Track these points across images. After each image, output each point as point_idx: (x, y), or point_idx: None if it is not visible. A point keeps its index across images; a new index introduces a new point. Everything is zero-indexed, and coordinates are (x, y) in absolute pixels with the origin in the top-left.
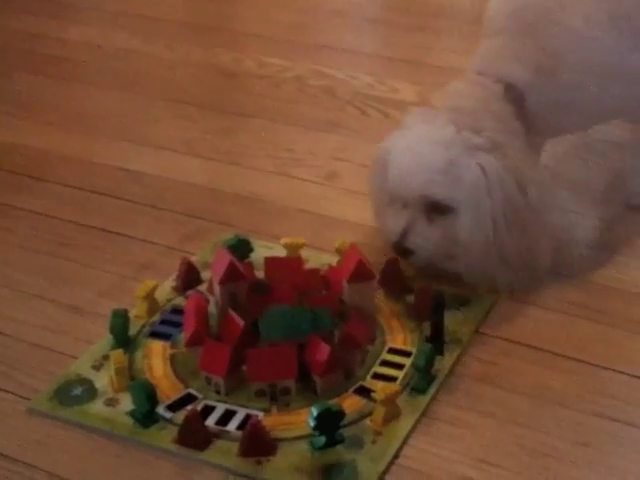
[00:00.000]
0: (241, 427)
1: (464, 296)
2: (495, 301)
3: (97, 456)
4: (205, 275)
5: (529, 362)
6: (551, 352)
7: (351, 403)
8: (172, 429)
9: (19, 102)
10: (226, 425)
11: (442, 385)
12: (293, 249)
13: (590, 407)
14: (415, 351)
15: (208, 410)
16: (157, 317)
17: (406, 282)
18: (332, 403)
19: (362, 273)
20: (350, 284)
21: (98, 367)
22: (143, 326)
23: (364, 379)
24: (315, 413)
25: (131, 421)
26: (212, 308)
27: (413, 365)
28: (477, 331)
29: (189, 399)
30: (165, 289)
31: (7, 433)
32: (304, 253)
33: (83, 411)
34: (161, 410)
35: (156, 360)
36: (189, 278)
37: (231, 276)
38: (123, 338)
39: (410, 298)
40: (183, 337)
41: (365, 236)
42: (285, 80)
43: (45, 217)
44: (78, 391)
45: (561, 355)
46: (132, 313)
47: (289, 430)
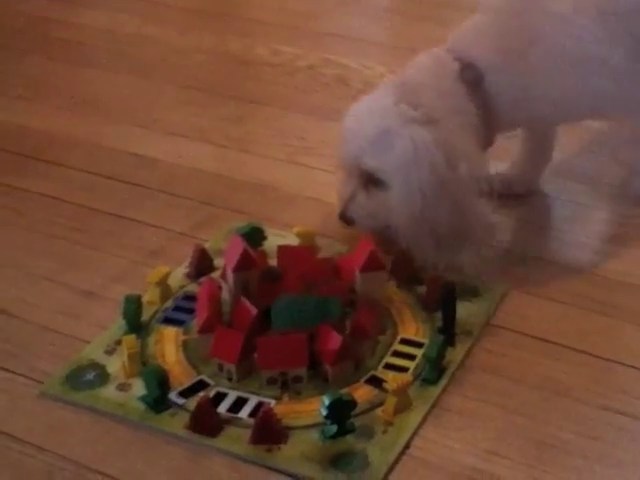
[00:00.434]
0: (252, 414)
1: (475, 288)
2: (506, 293)
3: (108, 440)
4: (218, 262)
5: (539, 354)
6: (560, 345)
7: (362, 393)
8: (184, 415)
9: (31, 85)
10: (238, 412)
11: (453, 376)
12: (306, 238)
13: (598, 400)
14: (427, 342)
15: (220, 397)
16: (170, 303)
17: (417, 273)
18: (344, 392)
19: (374, 263)
20: (362, 273)
21: (110, 352)
22: (156, 312)
23: (376, 369)
24: (327, 402)
25: (143, 406)
26: (225, 295)
27: (424, 356)
28: (488, 323)
29: (201, 386)
30: (178, 275)
31: (19, 416)
32: (317, 242)
33: (95, 395)
34: (173, 396)
35: (169, 346)
36: (202, 265)
37: (244, 264)
38: (136, 324)
39: (421, 289)
40: (196, 324)
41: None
42: (297, 68)
43: (56, 200)
44: (90, 376)
45: (570, 348)
46: (145, 299)
47: (300, 418)
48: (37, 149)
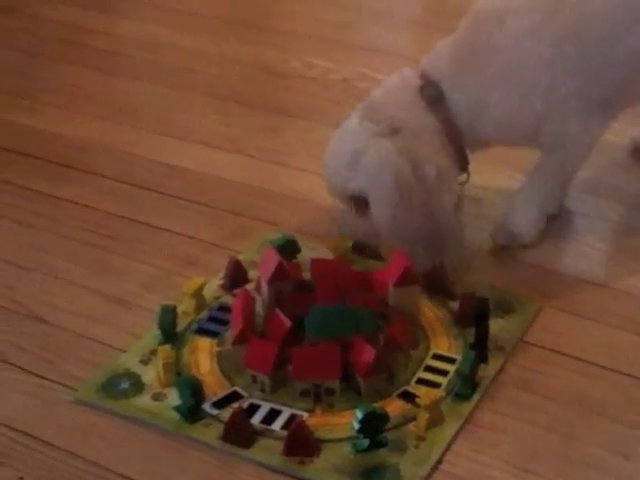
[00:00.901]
0: (285, 426)
1: (508, 304)
2: (539, 310)
3: (141, 448)
4: (252, 274)
5: (572, 372)
6: (594, 363)
7: (395, 407)
8: (217, 426)
9: (66, 94)
10: (271, 424)
11: (485, 392)
12: (339, 250)
13: (631, 419)
14: (459, 358)
15: (253, 408)
16: (204, 314)
17: (450, 288)
18: (377, 406)
19: (408, 277)
20: (395, 287)
21: (146, 361)
22: (190, 322)
23: (408, 384)
24: (360, 416)
25: (177, 416)
26: (258, 307)
27: (457, 371)
28: (521, 340)
29: (235, 397)
30: (212, 286)
31: (52, 422)
32: (350, 256)
33: (130, 404)
34: (207, 407)
35: (203, 357)
36: (236, 276)
37: (279, 276)
38: (171, 334)
39: (454, 304)
40: (230, 335)
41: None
42: (331, 81)
43: (89, 208)
44: (126, 384)
45: (604, 366)
46: (179, 309)
47: (332, 431)
48: (71, 157)
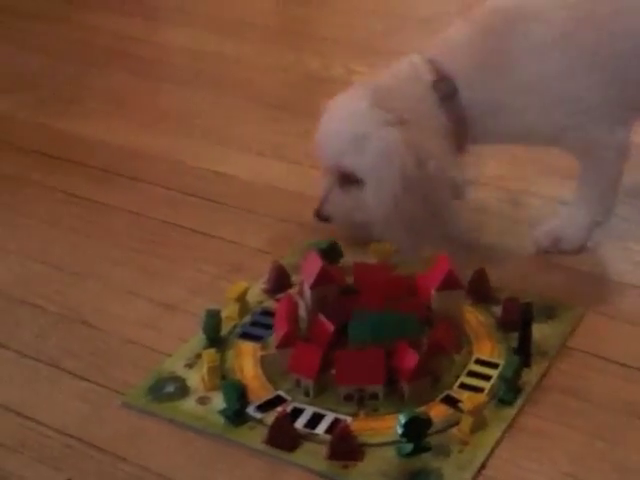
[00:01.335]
0: (329, 430)
1: (552, 309)
2: (582, 315)
3: (187, 451)
4: (295, 278)
5: (616, 377)
6: (638, 368)
7: (438, 412)
8: (262, 429)
9: (113, 101)
10: (314, 428)
11: (529, 397)
12: (382, 255)
13: None
14: (503, 362)
15: (297, 412)
16: (248, 318)
17: (493, 293)
18: (420, 411)
19: (451, 281)
20: (439, 292)
21: (191, 365)
22: (234, 327)
23: (451, 388)
24: (403, 420)
25: (222, 420)
26: (302, 311)
27: (500, 376)
28: (564, 345)
29: (279, 401)
30: (255, 291)
31: (101, 426)
32: (393, 260)
33: (176, 408)
34: (251, 410)
35: (247, 361)
36: (279, 281)
37: (322, 281)
38: (215, 338)
39: (497, 309)
40: (274, 339)
41: (455, 246)
42: None
43: (137, 215)
44: (171, 388)
45: None
46: (224, 313)
47: (376, 436)
48: (118, 164)
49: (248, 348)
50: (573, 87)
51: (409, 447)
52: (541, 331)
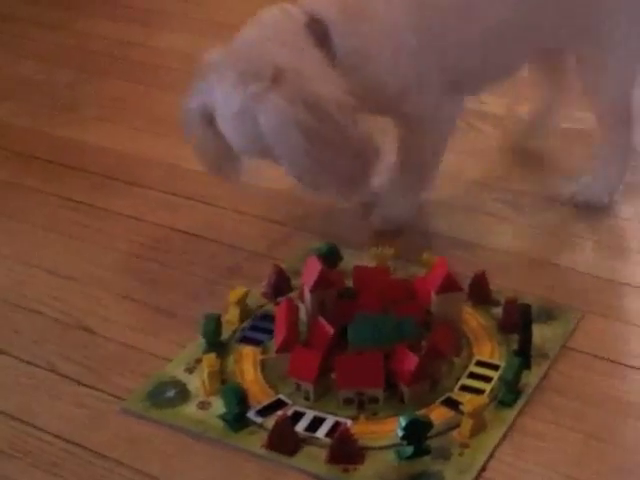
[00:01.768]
0: (329, 434)
1: (551, 310)
2: (582, 316)
3: (187, 456)
4: (295, 282)
5: (617, 378)
6: (638, 369)
7: (438, 414)
8: (262, 434)
9: (110, 107)
10: (315, 432)
11: (529, 399)
12: (381, 259)
13: None
14: (502, 364)
15: (297, 416)
16: (248, 323)
17: (493, 295)
18: (420, 414)
19: (450, 284)
20: (438, 295)
21: (191, 370)
22: (234, 331)
23: (451, 391)
24: (403, 423)
25: (222, 424)
26: (302, 315)
27: (501, 378)
28: (564, 346)
29: (279, 405)
30: (255, 295)
31: (100, 431)
32: (391, 264)
33: (176, 413)
34: (252, 415)
35: (247, 365)
36: (279, 285)
37: (322, 284)
38: (215, 342)
39: (497, 311)
40: (274, 343)
41: (455, 248)
42: None
43: (134, 220)
44: (171, 393)
45: None
46: (224, 318)
47: (376, 439)
48: (116, 169)
49: (248, 352)
50: (414, 42)
51: (409, 450)
52: (541, 333)
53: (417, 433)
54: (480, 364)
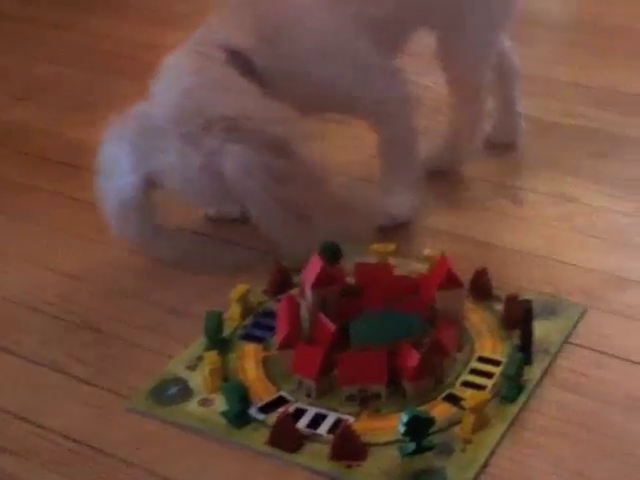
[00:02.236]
0: (332, 431)
1: (554, 305)
2: (585, 311)
3: (192, 454)
4: (297, 279)
5: (619, 373)
6: None
7: (441, 410)
8: (264, 431)
9: (120, 107)
10: (317, 428)
11: (531, 394)
12: (383, 255)
13: None
14: (504, 360)
15: (299, 413)
16: (250, 320)
17: (495, 291)
18: (422, 410)
19: (452, 280)
20: (440, 291)
21: (193, 367)
22: (236, 328)
23: (453, 387)
24: (405, 419)
25: (225, 421)
26: (304, 312)
27: (503, 374)
28: (566, 341)
29: (281, 401)
30: (257, 292)
31: (107, 430)
32: (393, 260)
33: (178, 410)
34: (254, 411)
35: (249, 362)
36: (281, 282)
37: (323, 281)
38: (217, 340)
39: (499, 307)
40: (275, 340)
41: (456, 244)
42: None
43: None
44: (173, 390)
45: None
46: (226, 315)
47: (379, 435)
48: None
49: (250, 349)
50: (344, 39)
51: (412, 446)
52: (543, 328)
53: (419, 429)
54: (482, 360)
